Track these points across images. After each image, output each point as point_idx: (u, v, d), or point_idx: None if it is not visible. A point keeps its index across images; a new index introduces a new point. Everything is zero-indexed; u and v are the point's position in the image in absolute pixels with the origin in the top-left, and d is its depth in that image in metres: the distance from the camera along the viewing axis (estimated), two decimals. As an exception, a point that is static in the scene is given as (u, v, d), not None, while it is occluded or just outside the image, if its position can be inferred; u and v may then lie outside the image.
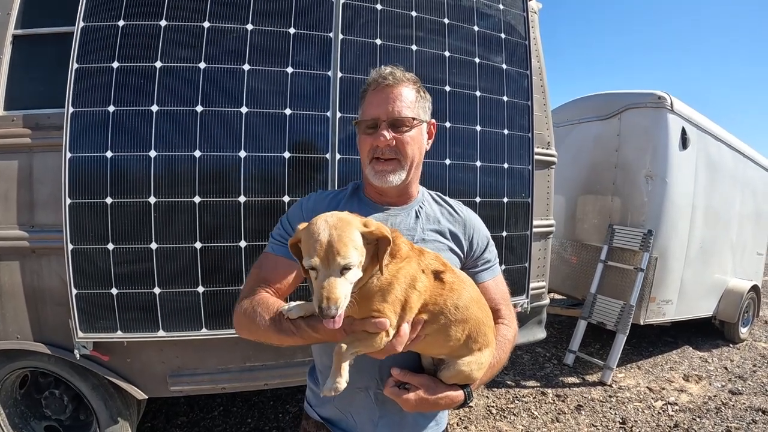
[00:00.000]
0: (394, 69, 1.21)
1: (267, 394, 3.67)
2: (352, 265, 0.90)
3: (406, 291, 0.99)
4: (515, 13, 2.76)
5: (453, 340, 1.08)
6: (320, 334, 1.02)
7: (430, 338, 1.06)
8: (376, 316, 0.95)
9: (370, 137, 1.18)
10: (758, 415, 3.78)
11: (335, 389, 0.97)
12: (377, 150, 1.18)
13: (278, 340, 1.07)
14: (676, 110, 4.38)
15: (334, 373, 0.97)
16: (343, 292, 0.89)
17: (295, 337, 1.04)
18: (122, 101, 1.97)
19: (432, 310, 1.04)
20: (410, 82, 1.21)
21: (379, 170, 1.19)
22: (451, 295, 1.06)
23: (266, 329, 1.07)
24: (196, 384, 2.26)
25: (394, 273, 0.99)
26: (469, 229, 1.31)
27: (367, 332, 0.96)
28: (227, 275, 2.14)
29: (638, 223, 4.55)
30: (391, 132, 1.16)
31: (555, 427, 3.52)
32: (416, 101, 1.20)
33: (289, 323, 1.04)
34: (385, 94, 1.18)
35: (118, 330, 2.04)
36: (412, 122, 1.18)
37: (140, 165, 1.99)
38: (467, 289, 1.11)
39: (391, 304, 0.97)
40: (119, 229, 1.99)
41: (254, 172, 2.15)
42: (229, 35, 2.08)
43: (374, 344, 0.96)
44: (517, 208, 2.78)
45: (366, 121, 1.20)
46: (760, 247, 6.47)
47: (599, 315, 4.60)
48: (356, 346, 0.96)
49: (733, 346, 5.54)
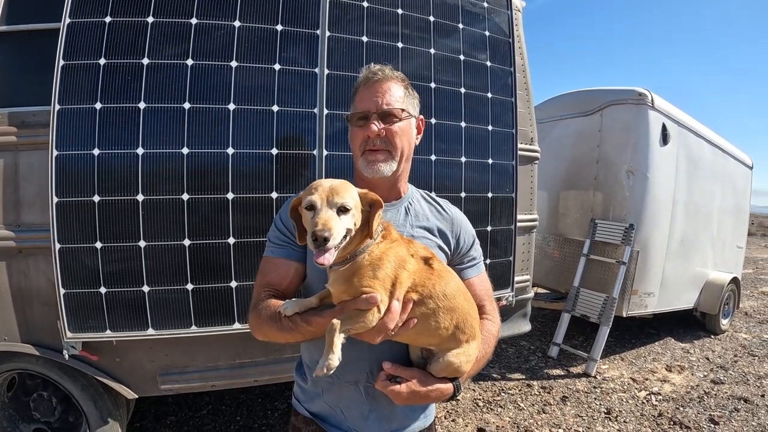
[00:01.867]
0: (383, 66, 1.25)
1: (255, 392, 3.67)
2: (348, 206, 0.98)
3: (396, 270, 1.03)
4: (500, 11, 2.81)
5: (442, 329, 1.11)
6: (314, 326, 1.06)
7: (420, 325, 1.09)
8: (367, 292, 0.99)
9: (361, 129, 1.22)
10: (740, 403, 3.91)
11: (328, 366, 0.99)
12: (368, 141, 1.22)
13: (284, 338, 1.12)
14: (656, 107, 4.49)
15: (327, 350, 0.99)
16: (337, 225, 0.95)
17: (294, 333, 1.09)
18: (109, 98, 1.96)
19: (421, 293, 1.07)
20: (398, 79, 1.26)
21: (371, 160, 1.22)
22: (440, 281, 1.10)
23: (271, 329, 1.13)
24: (186, 382, 2.26)
25: (383, 251, 1.04)
26: (457, 227, 1.35)
27: (358, 310, 0.99)
28: (216, 272, 2.15)
29: (620, 218, 4.66)
30: (381, 123, 1.20)
31: (541, 418, 3.59)
32: (404, 97, 1.25)
33: (287, 320, 1.08)
34: (374, 88, 1.22)
35: (107, 329, 2.03)
36: (401, 113, 1.23)
37: (128, 162, 1.99)
38: (454, 279, 1.16)
39: (381, 280, 1.01)
40: (107, 227, 1.98)
41: (242, 168, 2.16)
42: (217, 32, 2.08)
43: (366, 321, 0.99)
44: (502, 203, 2.83)
45: (357, 113, 1.24)
46: (740, 240, 6.67)
47: (582, 308, 4.69)
48: (348, 323, 0.99)
49: (714, 337, 5.69)
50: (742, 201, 6.50)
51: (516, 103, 2.89)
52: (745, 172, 6.59)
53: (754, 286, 9.14)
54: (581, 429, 3.42)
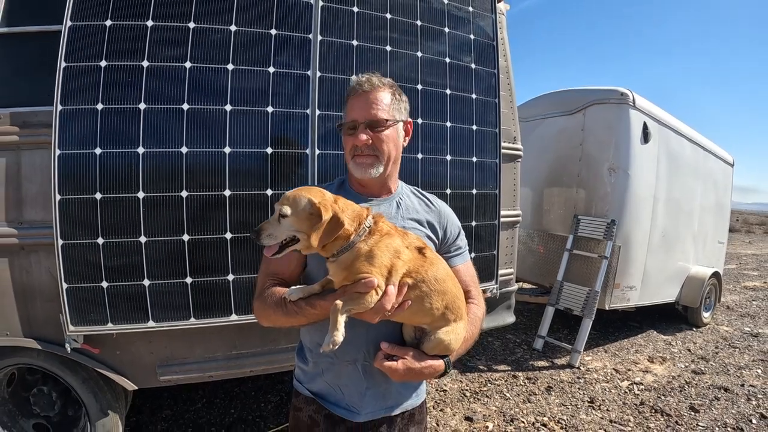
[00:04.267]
0: (371, 76, 1.36)
1: (248, 385, 3.76)
2: (284, 214, 1.14)
3: (391, 259, 1.16)
4: (484, 15, 2.92)
5: (434, 309, 1.24)
6: (317, 309, 1.20)
7: (414, 306, 1.22)
8: (364, 277, 1.12)
9: (351, 137, 1.34)
10: (720, 392, 4.07)
11: (333, 342, 1.11)
12: (357, 148, 1.34)
13: (288, 322, 1.26)
14: (638, 106, 4.65)
15: (332, 328, 1.11)
16: (269, 227, 1.16)
17: (299, 317, 1.22)
18: (110, 99, 2.03)
19: (415, 278, 1.20)
20: (386, 86, 1.37)
21: (360, 162, 1.35)
22: (432, 268, 1.23)
23: (276, 314, 1.25)
24: (184, 373, 2.34)
25: (374, 243, 1.17)
26: (444, 219, 1.48)
27: (358, 293, 1.12)
28: (214, 266, 2.23)
29: (602, 214, 4.82)
30: (369, 132, 1.32)
31: (526, 407, 3.72)
32: (391, 104, 1.36)
33: (292, 305, 1.22)
34: (362, 99, 1.34)
35: (109, 322, 2.10)
36: (387, 123, 1.34)
37: (129, 161, 2.06)
38: (444, 265, 1.30)
39: (378, 267, 1.14)
40: (109, 223, 2.05)
41: (238, 167, 2.25)
42: (214, 36, 2.16)
43: (365, 302, 1.12)
44: (486, 199, 2.95)
45: (347, 123, 1.36)
46: (721, 236, 6.87)
47: (566, 301, 4.85)
48: (350, 304, 1.12)
49: (696, 329, 5.88)
50: (723, 198, 6.70)
51: (499, 104, 3.00)
52: (726, 169, 6.79)
53: (737, 281, 9.41)
54: (565, 417, 3.56)
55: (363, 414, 1.34)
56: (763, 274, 10.65)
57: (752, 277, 10.10)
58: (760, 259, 13.56)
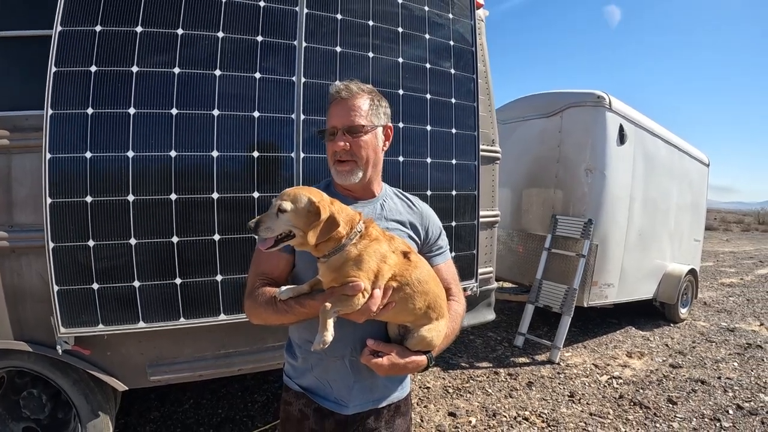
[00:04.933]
0: (349, 83, 1.42)
1: (235, 386, 3.80)
2: (283, 209, 1.18)
3: (378, 263, 1.24)
4: (464, 22, 3.03)
5: (417, 309, 1.32)
6: (307, 308, 1.27)
7: (398, 306, 1.30)
8: (352, 281, 1.19)
9: (331, 143, 1.41)
10: (697, 385, 4.23)
11: (324, 342, 1.18)
12: (336, 154, 1.41)
13: (278, 320, 1.32)
14: (614, 108, 4.82)
15: (321, 328, 1.18)
16: (267, 221, 1.19)
17: (289, 315, 1.29)
18: (100, 104, 2.08)
19: (400, 281, 1.28)
20: (365, 93, 1.43)
21: (340, 170, 1.42)
22: (415, 271, 1.32)
23: (267, 312, 1.31)
24: (174, 373, 2.39)
25: (364, 247, 1.24)
26: (426, 220, 1.55)
27: (346, 295, 1.19)
28: (202, 267, 2.29)
29: (579, 213, 4.97)
30: (348, 138, 1.39)
31: (508, 402, 3.83)
32: (370, 109, 1.42)
33: (282, 304, 1.28)
34: (341, 106, 1.41)
35: (100, 324, 2.14)
36: (364, 128, 1.40)
37: (119, 165, 2.11)
38: (427, 267, 1.39)
39: (365, 272, 1.21)
40: (99, 226, 2.10)
41: (226, 170, 2.31)
42: (202, 42, 2.23)
43: (352, 304, 1.19)
44: (465, 200, 3.05)
45: (327, 130, 1.43)
46: (698, 234, 7.10)
47: (545, 299, 4.98)
48: (338, 306, 1.19)
49: (673, 325, 6.07)
50: (698, 197, 6.92)
51: (478, 108, 3.11)
52: (702, 169, 7.02)
53: (713, 278, 9.70)
54: (546, 411, 3.67)
55: (351, 407, 1.41)
56: (739, 271, 10.99)
57: (729, 274, 10.42)
58: (737, 256, 13.97)
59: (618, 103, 4.90)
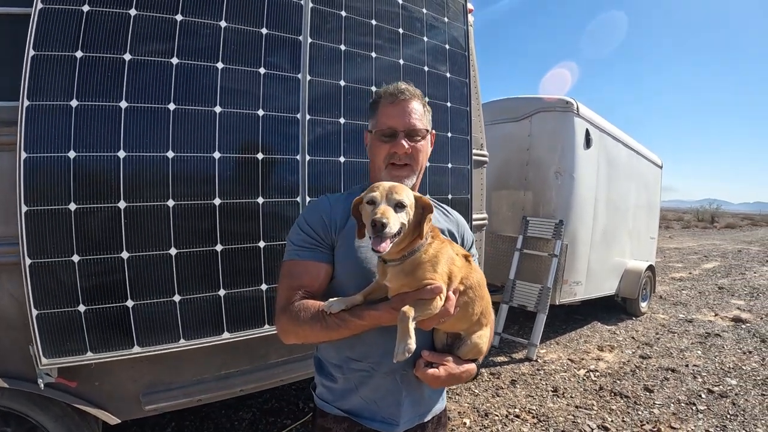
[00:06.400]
0: (407, 85, 1.36)
1: (216, 405, 3.51)
2: (404, 203, 1.07)
3: (450, 265, 1.15)
4: (457, 26, 3.00)
5: (474, 314, 1.25)
6: (367, 320, 1.14)
7: (460, 311, 1.21)
8: (430, 283, 1.09)
9: (387, 145, 1.32)
10: (669, 373, 4.46)
11: (408, 350, 1.06)
12: (395, 156, 1.32)
13: (327, 336, 1.18)
14: (581, 114, 5.00)
15: (404, 336, 1.06)
16: (393, 216, 1.03)
17: (341, 329, 1.16)
18: (87, 95, 1.80)
19: (465, 284, 1.20)
20: (419, 97, 1.38)
21: (395, 175, 1.32)
22: (476, 275, 1.24)
23: (313, 329, 1.18)
24: (171, 399, 2.13)
25: (438, 249, 1.14)
26: (462, 228, 1.49)
27: (423, 299, 1.09)
28: (205, 281, 2.06)
29: (549, 215, 5.10)
30: (408, 141, 1.31)
31: (497, 401, 3.84)
32: (424, 114, 1.37)
33: (333, 318, 1.15)
34: (401, 107, 1.33)
35: (88, 351, 1.85)
36: (425, 133, 1.35)
37: (108, 166, 1.85)
38: (481, 272, 1.31)
39: (441, 274, 1.12)
40: (85, 238, 1.82)
41: (228, 173, 2.11)
42: (203, 31, 2.01)
43: (431, 308, 1.09)
44: (460, 204, 3.01)
45: (383, 130, 1.33)
46: (653, 232, 7.57)
47: (519, 298, 5.07)
48: (418, 311, 1.08)
49: (635, 318, 6.39)
50: (653, 197, 7.38)
51: (471, 112, 3.10)
52: (656, 171, 7.49)
53: (665, 273, 10.35)
54: (534, 407, 3.72)
55: (402, 424, 1.30)
56: (687, 266, 11.79)
57: (677, 269, 11.16)
58: (682, 252, 14.96)
59: (584, 108, 5.10)
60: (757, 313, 6.69)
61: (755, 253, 14.57)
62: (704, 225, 30.62)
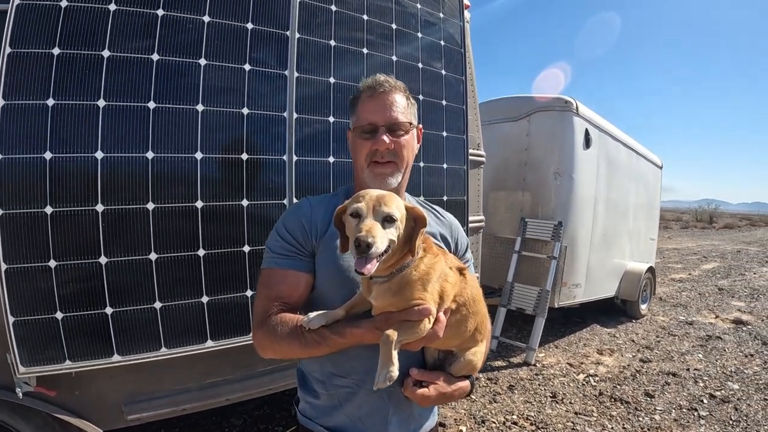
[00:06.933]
0: (387, 77, 1.26)
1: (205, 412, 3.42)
2: (394, 217, 0.95)
3: (441, 283, 1.04)
4: (453, 21, 2.92)
5: (467, 331, 1.16)
6: (348, 338, 1.05)
7: (452, 329, 1.11)
8: (419, 304, 0.99)
9: (368, 141, 1.23)
10: (670, 377, 4.38)
11: (390, 378, 0.97)
12: (376, 153, 1.22)
13: (305, 353, 1.10)
14: (580, 113, 4.91)
15: (386, 362, 0.97)
16: (381, 233, 0.92)
17: (321, 347, 1.07)
18: (64, 94, 1.73)
19: (458, 302, 1.10)
20: (401, 89, 1.28)
21: (379, 173, 1.23)
22: (470, 290, 1.14)
23: (290, 345, 1.09)
24: (154, 409, 2.05)
25: (430, 265, 1.03)
26: (455, 232, 1.40)
27: (409, 321, 0.99)
28: (187, 287, 1.99)
29: (548, 216, 5.02)
30: (389, 136, 1.21)
31: (494, 407, 3.76)
32: (407, 107, 1.27)
33: (312, 334, 1.06)
34: (381, 100, 1.23)
35: (67, 360, 1.78)
36: (408, 127, 1.25)
37: (85, 168, 1.77)
38: (476, 284, 1.21)
39: (431, 293, 1.01)
40: (62, 242, 1.74)
41: (211, 175, 2.03)
42: (185, 26, 1.93)
43: (418, 331, 0.99)
44: (455, 206, 2.93)
45: (363, 126, 1.23)
46: (653, 233, 7.48)
47: (518, 302, 4.98)
48: (403, 334, 0.98)
49: (635, 321, 6.31)
50: (653, 197, 7.30)
51: (467, 111, 3.02)
52: (656, 171, 7.41)
53: (664, 274, 10.25)
54: (533, 414, 3.63)
55: None
56: (686, 266, 11.71)
57: (677, 270, 11.08)
58: (681, 252, 14.89)
59: (584, 108, 5.02)
60: (757, 315, 6.62)
61: (754, 254, 14.52)
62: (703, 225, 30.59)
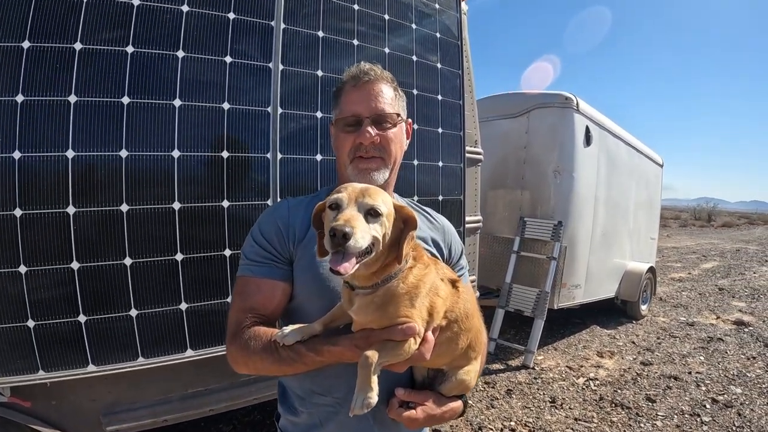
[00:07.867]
0: (372, 65, 1.15)
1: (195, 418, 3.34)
2: (379, 210, 0.82)
3: (432, 297, 0.92)
4: (449, 13, 2.82)
5: (459, 350, 1.04)
6: (325, 356, 0.94)
7: (442, 346, 1.00)
8: (404, 322, 0.87)
9: (351, 135, 1.12)
10: (671, 381, 4.26)
11: (368, 405, 0.86)
12: (360, 148, 1.11)
13: (280, 371, 1.00)
14: (581, 110, 4.79)
15: (364, 388, 0.86)
16: (362, 225, 0.79)
17: (297, 364, 0.96)
18: (34, 90, 1.64)
19: (449, 318, 0.99)
20: (388, 80, 1.17)
21: (363, 168, 1.12)
22: (464, 304, 1.03)
23: (264, 362, 0.98)
24: (134, 420, 1.96)
25: (420, 277, 0.91)
26: (448, 236, 1.29)
27: (393, 341, 0.87)
28: (164, 294, 1.90)
29: (547, 215, 4.89)
30: (375, 129, 1.11)
31: (491, 413, 3.65)
32: (395, 99, 1.16)
33: (287, 351, 0.95)
34: (366, 90, 1.12)
35: (40, 370, 1.69)
36: (396, 119, 1.14)
37: (56, 168, 1.68)
38: (471, 297, 1.10)
39: (419, 309, 0.89)
40: (32, 247, 1.66)
41: (189, 174, 1.93)
42: (162, 16, 1.83)
43: (402, 353, 0.87)
44: (451, 206, 2.84)
45: (346, 118, 1.13)
46: (653, 232, 7.35)
47: (516, 303, 4.85)
48: (384, 356, 0.87)
49: (636, 322, 6.18)
50: (654, 196, 7.17)
51: (464, 106, 2.91)
52: (657, 169, 7.28)
53: (664, 274, 10.10)
54: (531, 420, 3.53)
55: None
56: (686, 266, 11.58)
57: (677, 269, 10.94)
58: (680, 251, 14.74)
59: (584, 104, 4.90)
60: (759, 316, 6.52)
61: (754, 253, 14.42)
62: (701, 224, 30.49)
